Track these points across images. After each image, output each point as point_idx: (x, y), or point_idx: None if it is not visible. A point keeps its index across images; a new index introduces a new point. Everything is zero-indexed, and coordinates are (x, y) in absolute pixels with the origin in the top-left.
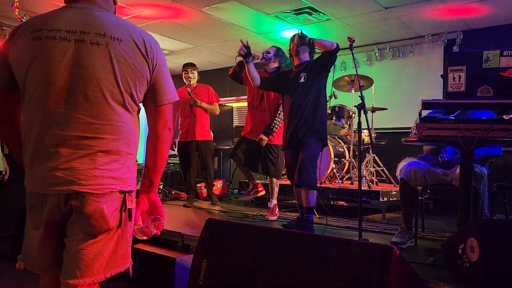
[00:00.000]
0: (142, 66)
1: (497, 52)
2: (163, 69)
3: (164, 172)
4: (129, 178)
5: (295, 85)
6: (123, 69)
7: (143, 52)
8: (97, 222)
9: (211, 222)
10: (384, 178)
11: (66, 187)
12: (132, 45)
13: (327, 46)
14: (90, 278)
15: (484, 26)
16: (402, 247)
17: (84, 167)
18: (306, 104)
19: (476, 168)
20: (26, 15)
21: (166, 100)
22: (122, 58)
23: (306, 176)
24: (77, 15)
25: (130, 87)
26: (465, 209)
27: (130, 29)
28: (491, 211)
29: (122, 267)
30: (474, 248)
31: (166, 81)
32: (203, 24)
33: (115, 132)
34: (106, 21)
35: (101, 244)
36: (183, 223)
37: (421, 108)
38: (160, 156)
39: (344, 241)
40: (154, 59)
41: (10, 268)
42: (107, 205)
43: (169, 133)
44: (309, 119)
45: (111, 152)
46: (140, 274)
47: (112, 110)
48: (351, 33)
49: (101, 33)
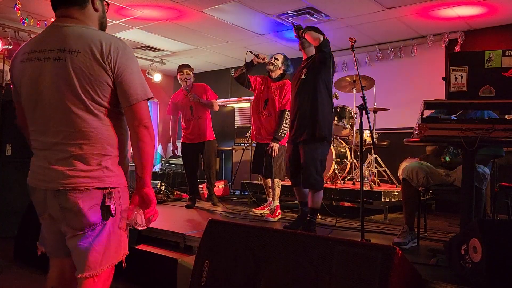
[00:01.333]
0: (98, 73)
1: (499, 52)
2: (126, 71)
3: (166, 173)
4: (106, 176)
5: (297, 82)
6: (80, 79)
7: (98, 59)
8: (76, 216)
9: (213, 223)
10: (386, 179)
11: (50, 185)
12: (88, 54)
13: (313, 40)
14: (87, 272)
15: (486, 26)
16: (405, 248)
17: (64, 169)
18: (305, 102)
19: (479, 168)
20: (28, 16)
21: (134, 100)
22: (79, 69)
23: (308, 178)
24: (49, 34)
25: (90, 94)
26: (468, 210)
27: (91, 38)
28: (493, 211)
29: (116, 259)
30: (476, 248)
31: (131, 81)
32: (204, 25)
33: (86, 137)
34: (69, 36)
35: (91, 239)
36: (185, 224)
37: (423, 108)
38: (142, 154)
39: (347, 242)
40: (112, 62)
41: (14, 268)
42: (82, 200)
43: (146, 131)
44: (309, 118)
45: (85, 155)
46: (142, 275)
47: (79, 118)
48: (352, 33)
49: (61, 49)
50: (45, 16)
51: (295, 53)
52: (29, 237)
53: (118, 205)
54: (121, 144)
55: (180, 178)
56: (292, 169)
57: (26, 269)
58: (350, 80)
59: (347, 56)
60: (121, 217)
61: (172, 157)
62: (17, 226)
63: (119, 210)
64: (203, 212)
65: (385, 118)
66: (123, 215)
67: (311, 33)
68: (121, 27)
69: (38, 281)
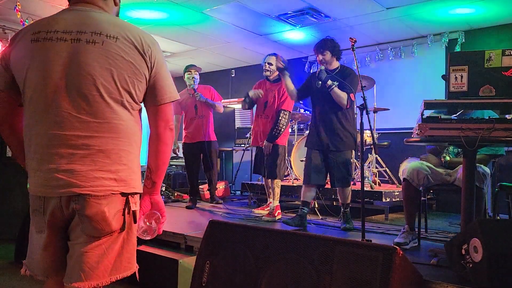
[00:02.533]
0: (140, 63)
1: (499, 51)
2: (162, 68)
3: (167, 174)
4: (132, 179)
5: (320, 89)
6: (120, 66)
7: (140, 50)
8: (99, 225)
9: (214, 224)
10: (386, 179)
11: (66, 189)
12: (129, 43)
13: (339, 103)
14: (95, 281)
15: (486, 26)
16: (405, 248)
17: (85, 169)
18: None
19: (479, 168)
20: (28, 18)
21: (167, 99)
22: (119, 56)
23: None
24: (74, 16)
25: (128, 84)
26: (468, 209)
27: (127, 28)
28: (494, 211)
29: (128, 271)
30: (477, 248)
31: (165, 79)
32: (205, 26)
33: (114, 130)
34: (103, 21)
35: (105, 246)
36: (186, 225)
37: (423, 108)
38: (162, 157)
39: (347, 242)
40: (152, 57)
41: (14, 272)
42: (108, 207)
43: (170, 133)
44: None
45: (112, 151)
46: (143, 275)
47: (110, 108)
48: (352, 33)
49: (97, 32)
50: None
51: (295, 54)
52: None
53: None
54: (140, 144)
55: (180, 179)
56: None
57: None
58: None
59: (347, 56)
60: (136, 224)
61: (173, 158)
62: (18, 228)
63: (137, 216)
64: (203, 213)
65: (385, 118)
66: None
67: (336, 94)
68: None
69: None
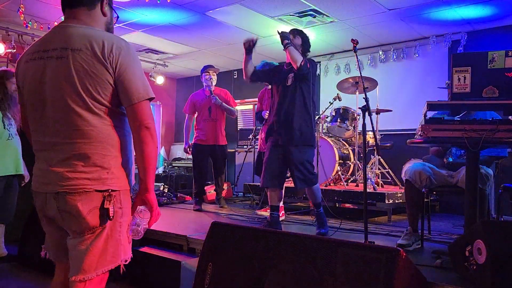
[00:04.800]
0: (99, 70)
1: (502, 52)
2: (127, 69)
3: (169, 175)
4: (107, 178)
5: (282, 86)
6: (81, 76)
7: (99, 57)
8: (76, 219)
9: (216, 225)
10: (389, 180)
11: (49, 187)
12: (90, 52)
13: (292, 61)
14: (81, 275)
15: (489, 27)
16: (409, 250)
17: (62, 170)
18: (290, 107)
19: (482, 169)
20: (31, 20)
21: (135, 99)
22: (80, 67)
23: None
24: (54, 34)
25: (91, 92)
26: (472, 211)
27: (93, 36)
28: (497, 212)
29: (112, 264)
30: (481, 250)
31: (132, 80)
32: (207, 27)
33: (85, 136)
34: (72, 35)
35: (89, 242)
36: (188, 226)
37: (426, 109)
38: (143, 156)
39: (350, 244)
40: (114, 61)
41: (17, 272)
42: (82, 203)
43: (147, 132)
44: (299, 126)
45: (85, 155)
46: (146, 277)
47: (79, 117)
48: (354, 35)
49: (64, 47)
50: (48, 20)
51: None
52: (33, 241)
53: (118, 208)
54: (123, 145)
55: (183, 181)
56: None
57: (29, 272)
58: (353, 81)
59: (350, 58)
60: (121, 221)
61: (175, 160)
62: (21, 229)
63: (119, 213)
64: (206, 214)
65: (388, 119)
66: (124, 219)
67: (292, 53)
68: (124, 30)
69: (42, 284)
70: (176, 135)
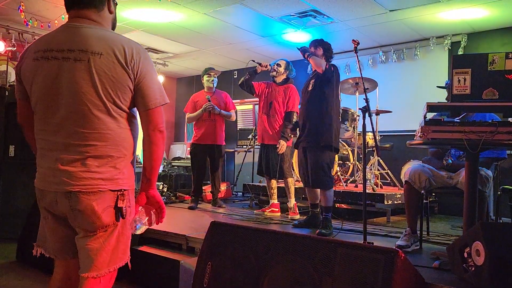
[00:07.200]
0: (121, 76)
1: (502, 54)
2: (146, 76)
3: (168, 175)
4: (119, 178)
5: (305, 92)
6: (103, 81)
7: (122, 63)
8: (90, 218)
9: (215, 225)
10: (388, 181)
11: (61, 187)
12: (112, 57)
13: (316, 67)
14: (94, 272)
15: (489, 29)
16: (407, 251)
17: (76, 170)
18: (310, 111)
19: (482, 171)
20: (32, 18)
21: (152, 105)
22: (101, 71)
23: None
24: (66, 34)
25: (112, 97)
26: (471, 212)
27: (113, 41)
28: (496, 214)
29: (123, 261)
30: (479, 251)
31: (150, 86)
32: (207, 27)
33: (102, 139)
34: (90, 38)
35: (102, 240)
36: (188, 226)
37: (426, 110)
38: (153, 157)
39: (349, 245)
40: (135, 67)
41: (17, 270)
42: (97, 202)
43: (160, 135)
44: (315, 127)
45: (101, 157)
46: (145, 276)
47: (98, 120)
48: (355, 35)
49: (83, 50)
50: (48, 18)
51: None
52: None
53: (128, 207)
54: (132, 147)
55: (182, 180)
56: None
57: (28, 270)
58: (353, 82)
59: (350, 59)
60: (130, 219)
61: (175, 159)
62: (20, 227)
63: (128, 212)
64: (205, 214)
65: (387, 120)
66: (131, 217)
67: (314, 60)
68: (124, 28)
69: (41, 282)
70: (176, 135)
